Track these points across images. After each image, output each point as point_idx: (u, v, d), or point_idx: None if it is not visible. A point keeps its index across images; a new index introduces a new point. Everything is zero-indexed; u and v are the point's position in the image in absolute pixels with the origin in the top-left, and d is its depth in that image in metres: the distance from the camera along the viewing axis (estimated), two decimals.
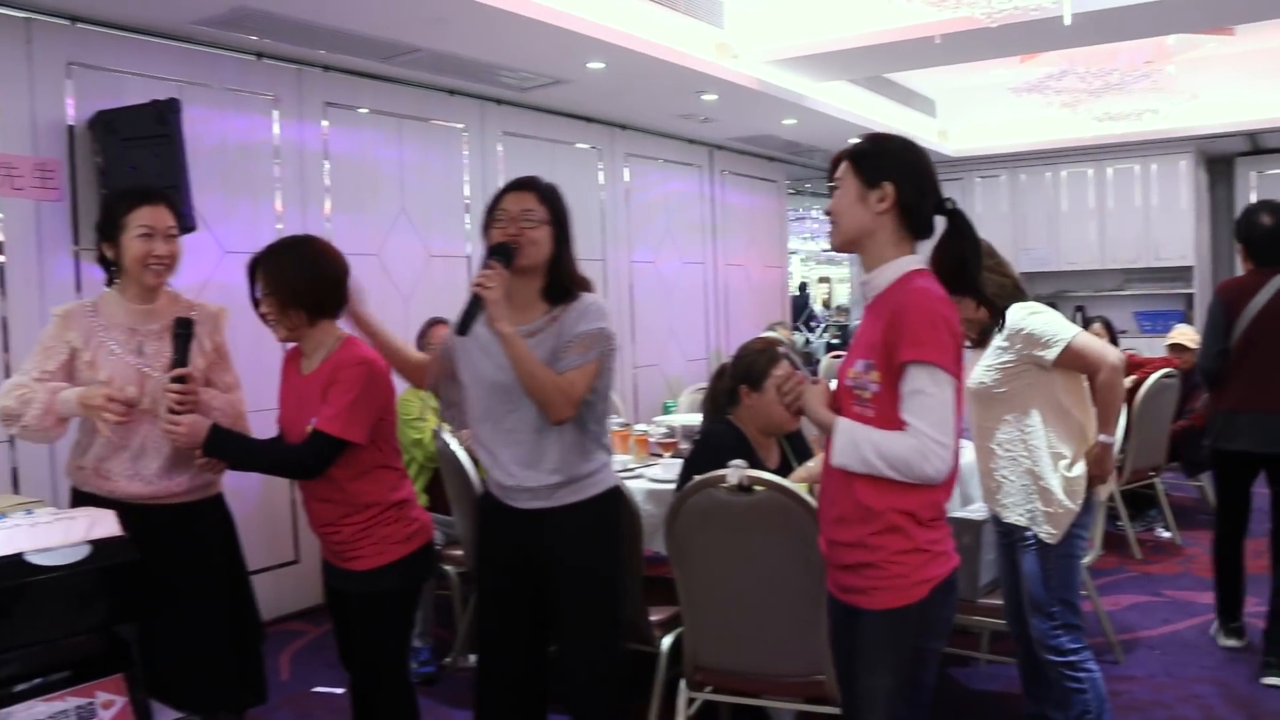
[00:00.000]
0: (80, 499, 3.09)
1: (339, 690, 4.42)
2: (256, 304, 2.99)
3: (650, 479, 4.12)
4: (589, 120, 7.59)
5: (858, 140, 2.45)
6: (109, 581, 2.58)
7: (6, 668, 2.44)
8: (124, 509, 2.80)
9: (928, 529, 2.28)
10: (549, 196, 2.88)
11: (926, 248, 2.43)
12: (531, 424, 2.82)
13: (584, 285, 2.92)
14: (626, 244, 7.94)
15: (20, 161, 4.52)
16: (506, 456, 2.86)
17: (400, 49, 5.47)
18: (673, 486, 3.73)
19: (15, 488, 4.48)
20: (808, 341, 14.58)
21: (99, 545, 2.59)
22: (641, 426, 5.00)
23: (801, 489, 3.07)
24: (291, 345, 3.10)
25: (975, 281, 2.38)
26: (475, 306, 2.72)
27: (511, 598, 2.94)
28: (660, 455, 4.43)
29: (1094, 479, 3.29)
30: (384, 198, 6.05)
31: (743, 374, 3.53)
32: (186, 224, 3.23)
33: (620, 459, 4.22)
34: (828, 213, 2.42)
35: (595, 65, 6.04)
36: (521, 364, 2.72)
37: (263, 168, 5.44)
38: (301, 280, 2.92)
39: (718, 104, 7.27)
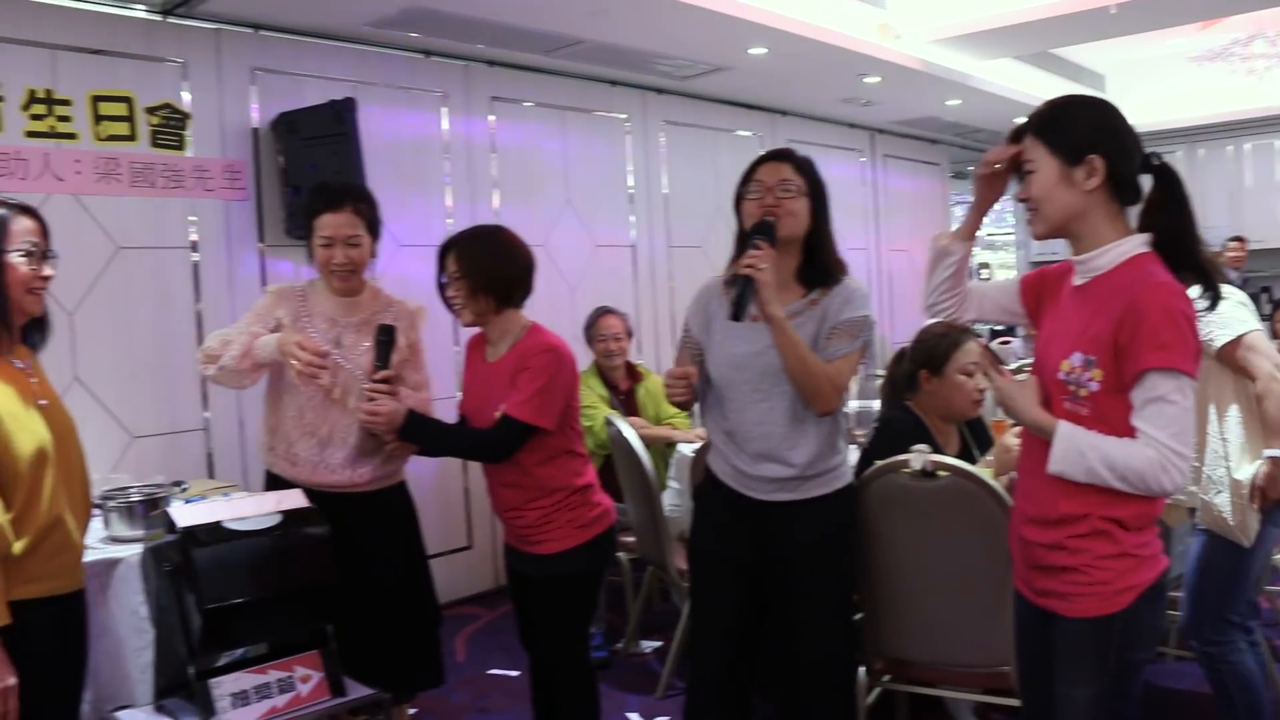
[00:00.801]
0: (273, 482, 3.24)
1: (514, 673, 4.52)
2: (442, 289, 3.08)
3: None
4: (750, 107, 7.54)
5: (1038, 109, 2.19)
6: (300, 548, 2.72)
7: (214, 640, 2.59)
8: (311, 495, 2.93)
9: (1135, 533, 2.09)
10: (806, 168, 2.76)
11: None
12: (786, 413, 2.72)
13: (841, 267, 2.79)
14: None
15: (211, 164, 4.76)
16: (755, 447, 2.76)
17: (563, 41, 5.54)
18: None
19: (210, 472, 4.72)
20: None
21: (289, 515, 2.76)
22: None
23: (987, 474, 2.98)
24: (475, 334, 3.18)
25: (1197, 256, 2.11)
26: (747, 288, 2.56)
27: (732, 587, 2.85)
28: None
29: (1265, 498, 3.07)
30: (549, 189, 6.14)
31: (924, 359, 3.43)
32: (375, 227, 3.25)
33: None
34: (1022, 199, 2.17)
35: (756, 51, 6.00)
36: (792, 350, 2.61)
37: (433, 162, 5.59)
38: (493, 267, 3.00)
39: (880, 86, 7.14)
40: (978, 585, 2.98)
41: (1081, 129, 2.11)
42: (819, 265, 2.76)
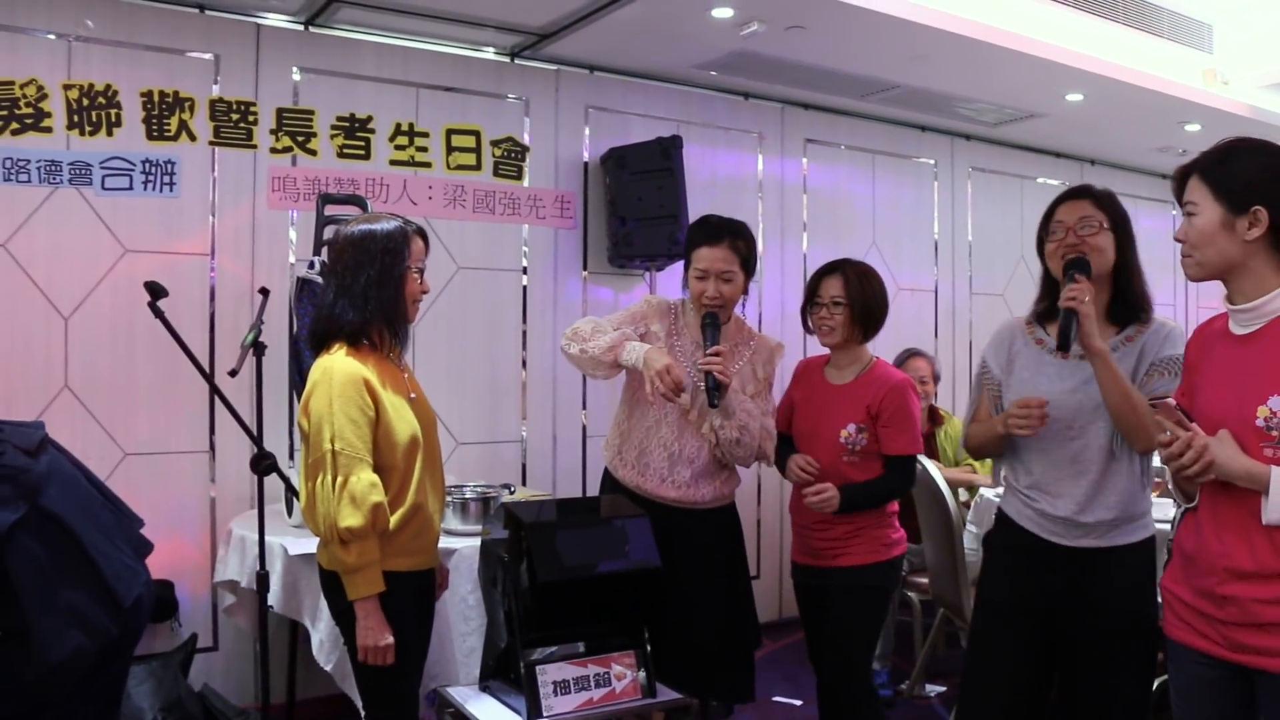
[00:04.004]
0: (610, 483, 3.42)
1: (798, 702, 4.58)
2: (805, 310, 3.28)
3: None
4: (1058, 155, 7.37)
5: (1207, 151, 2.14)
6: (627, 547, 2.91)
7: (544, 619, 2.79)
8: (649, 505, 3.10)
9: None
10: (1106, 202, 2.70)
11: None
12: (1101, 452, 2.63)
13: (1150, 303, 2.71)
14: None
15: (544, 194, 5.12)
16: (1068, 488, 2.66)
17: (879, 86, 5.62)
18: (1161, 527, 3.55)
19: (524, 481, 5.05)
20: None
21: (622, 516, 2.98)
22: None
23: None
24: (809, 358, 3.40)
25: None
26: (1071, 321, 2.52)
27: (1022, 635, 2.73)
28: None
29: None
30: (857, 231, 6.21)
31: None
32: (750, 265, 3.33)
33: None
34: (1180, 239, 2.14)
35: (1074, 97, 5.88)
36: (1117, 385, 2.52)
37: (747, 201, 5.77)
38: (875, 300, 3.21)
39: (1201, 134, 6.81)
40: None
41: (1250, 176, 2.05)
42: (1129, 301, 2.69)
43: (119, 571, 2.52)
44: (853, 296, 3.18)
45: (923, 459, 4.37)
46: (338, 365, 2.60)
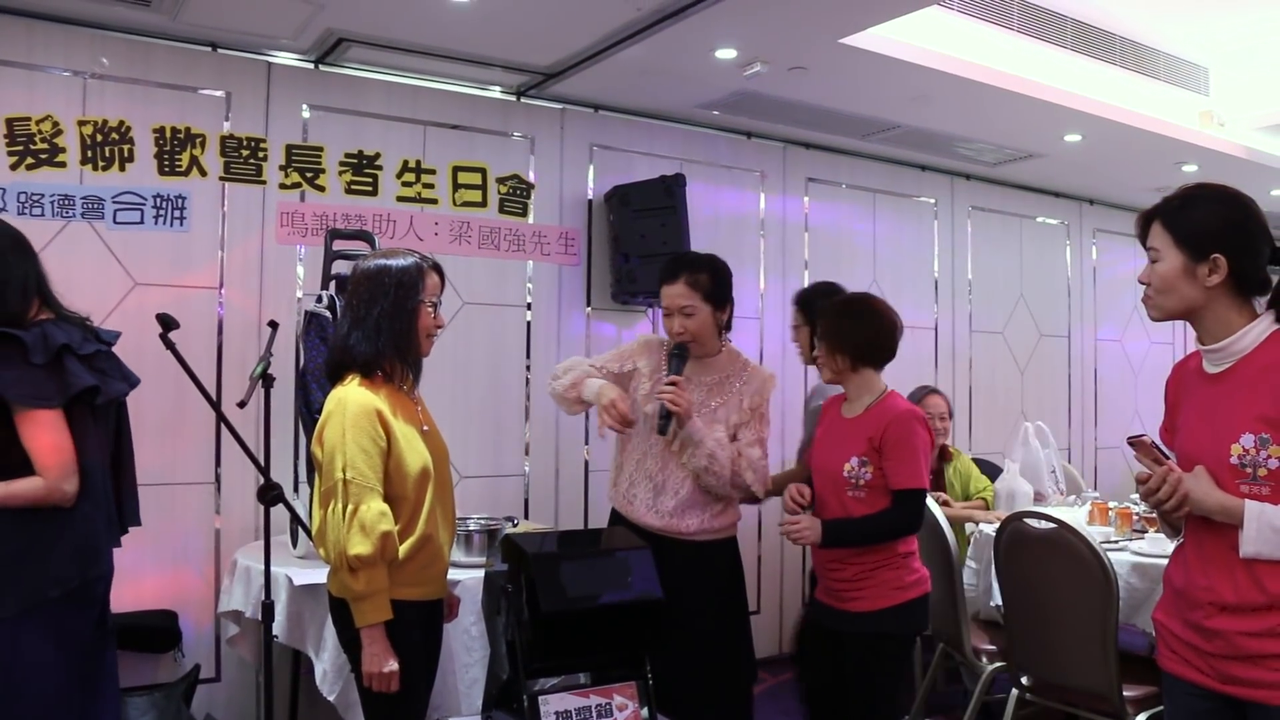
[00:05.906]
0: (614, 515, 3.48)
1: None
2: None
3: (1135, 552, 3.99)
4: (1057, 195, 7.45)
5: (1169, 197, 2.22)
6: (627, 576, 2.88)
7: (546, 649, 2.80)
8: (640, 535, 3.12)
9: None
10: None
11: None
12: None
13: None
14: (1093, 321, 7.68)
15: (549, 231, 5.18)
16: None
17: (880, 126, 5.70)
18: (1161, 561, 3.59)
19: (526, 514, 5.07)
20: None
21: (621, 545, 2.94)
22: (1115, 502, 4.82)
23: None
24: (836, 394, 3.36)
25: None
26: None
27: None
28: (1145, 530, 4.27)
29: None
30: (858, 269, 6.25)
31: None
32: (715, 296, 3.40)
33: (1101, 530, 4.12)
34: (1144, 282, 2.23)
35: (1072, 138, 5.96)
36: None
37: (749, 239, 5.85)
38: (853, 328, 3.17)
39: (1198, 175, 6.87)
40: None
41: (1209, 224, 2.14)
42: None
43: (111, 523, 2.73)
44: (826, 330, 3.19)
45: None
46: (351, 396, 2.65)
